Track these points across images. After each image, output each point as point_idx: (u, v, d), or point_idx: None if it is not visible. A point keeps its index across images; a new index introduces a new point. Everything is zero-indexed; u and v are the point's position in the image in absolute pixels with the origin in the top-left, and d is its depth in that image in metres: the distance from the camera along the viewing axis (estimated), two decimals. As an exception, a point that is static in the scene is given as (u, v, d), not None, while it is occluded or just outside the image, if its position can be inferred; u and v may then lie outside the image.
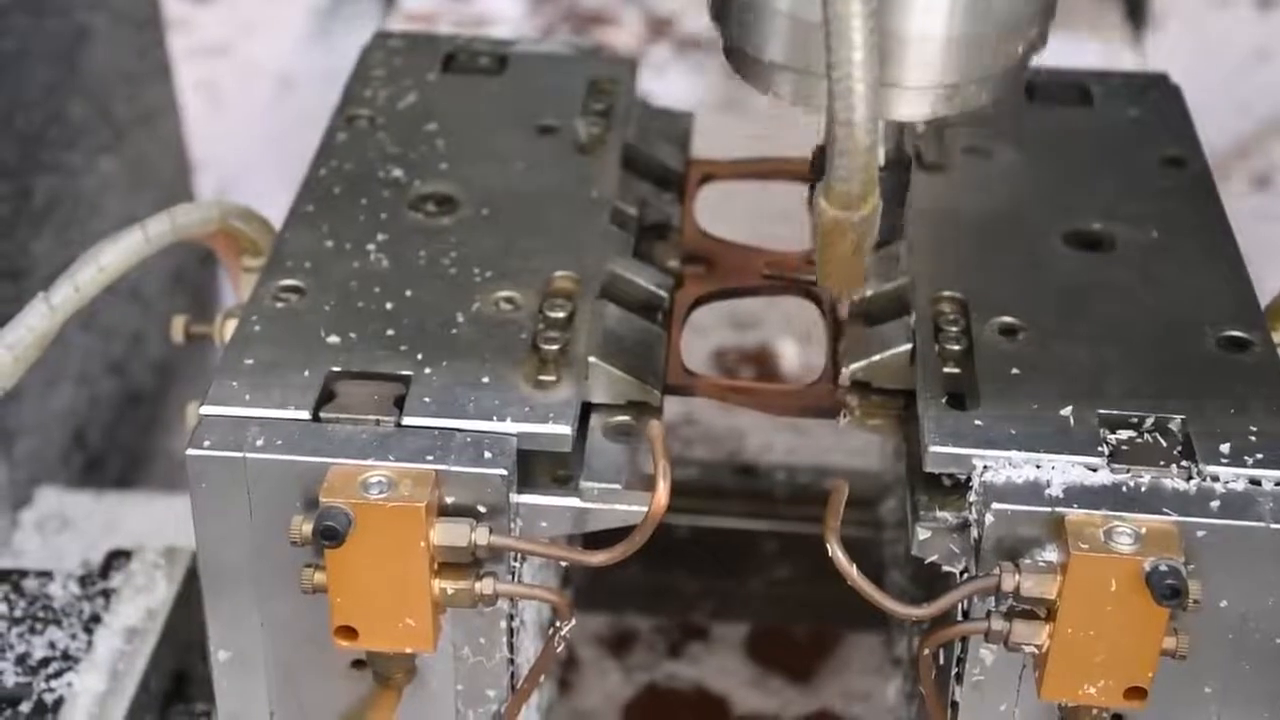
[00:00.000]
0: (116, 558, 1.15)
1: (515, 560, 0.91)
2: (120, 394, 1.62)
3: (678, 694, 1.45)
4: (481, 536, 0.86)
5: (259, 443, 0.88)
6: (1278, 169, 2.27)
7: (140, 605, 1.11)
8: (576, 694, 1.44)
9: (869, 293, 1.04)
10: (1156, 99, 1.22)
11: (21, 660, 1.06)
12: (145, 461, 1.68)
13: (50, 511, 1.42)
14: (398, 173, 1.10)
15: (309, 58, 2.49)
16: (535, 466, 0.92)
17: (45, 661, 1.06)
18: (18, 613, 1.09)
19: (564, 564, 1.01)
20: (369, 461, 0.87)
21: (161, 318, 1.67)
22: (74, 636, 1.08)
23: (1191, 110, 1.19)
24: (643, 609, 1.46)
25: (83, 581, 1.12)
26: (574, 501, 0.91)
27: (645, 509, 0.89)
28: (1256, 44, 2.47)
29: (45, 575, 1.13)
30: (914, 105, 0.87)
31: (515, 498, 0.89)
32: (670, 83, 2.29)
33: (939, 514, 0.90)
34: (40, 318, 0.99)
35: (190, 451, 0.88)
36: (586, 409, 0.95)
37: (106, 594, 1.11)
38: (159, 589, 1.12)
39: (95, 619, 1.09)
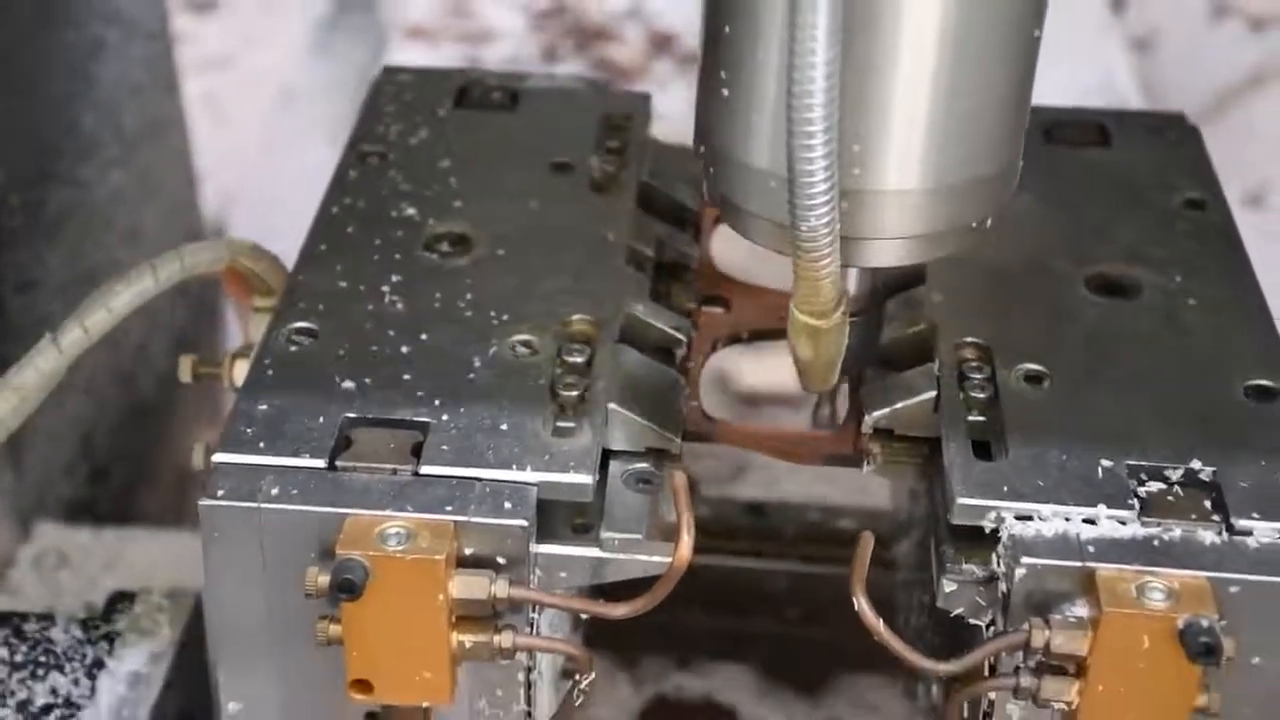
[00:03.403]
0: (120, 600, 1.12)
1: (533, 611, 0.89)
2: (126, 404, 1.61)
3: (686, 705, 1.43)
4: (501, 589, 0.84)
5: (274, 492, 0.86)
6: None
7: (144, 649, 1.09)
8: (587, 704, 1.43)
9: (890, 337, 1.02)
10: (1174, 139, 1.21)
11: (23, 707, 1.04)
12: (150, 471, 1.68)
13: (48, 547, 1.40)
14: (411, 211, 1.08)
15: (310, 70, 2.49)
16: (554, 515, 0.90)
17: (48, 709, 1.04)
18: (19, 658, 1.07)
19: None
20: (387, 512, 0.85)
21: (167, 328, 1.67)
22: (76, 682, 1.06)
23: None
24: (651, 648, 1.44)
25: (85, 625, 1.10)
26: (594, 552, 0.89)
27: (667, 559, 0.87)
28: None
29: (46, 618, 1.10)
30: (885, 255, 0.89)
31: (535, 548, 0.88)
32: (673, 98, 2.28)
33: (965, 566, 0.89)
34: (48, 360, 0.98)
35: (203, 502, 0.86)
36: (605, 455, 0.94)
37: (110, 638, 1.09)
38: (163, 632, 1.10)
39: (98, 664, 1.07)
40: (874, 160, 0.84)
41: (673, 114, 1.40)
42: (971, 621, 0.90)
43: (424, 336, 0.97)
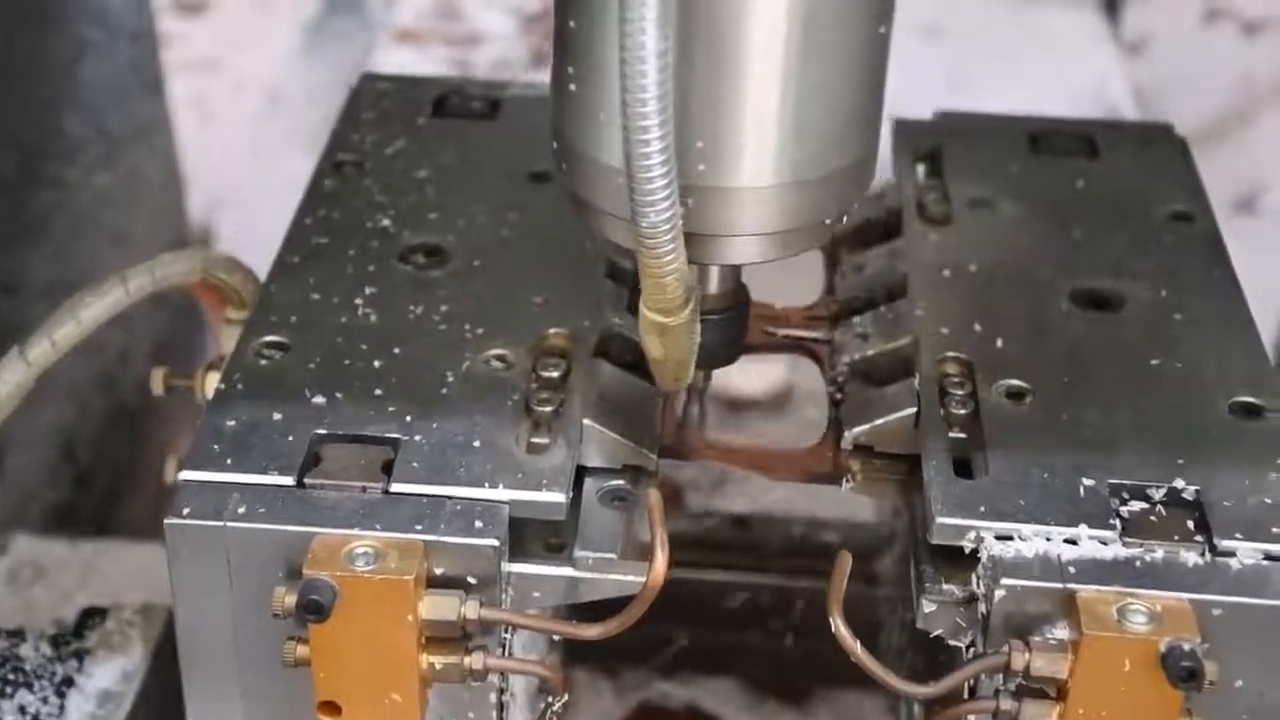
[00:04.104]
0: (91, 616, 1.11)
1: (506, 631, 0.88)
2: (109, 410, 1.60)
3: (671, 714, 1.42)
4: (471, 610, 0.83)
5: (240, 510, 0.84)
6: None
7: (115, 667, 1.07)
8: (570, 712, 1.41)
9: (871, 352, 1.01)
10: (1163, 150, 1.19)
11: (-10, 725, 1.02)
12: (134, 477, 1.66)
13: (24, 560, 1.38)
14: (386, 222, 1.07)
15: (297, 73, 2.48)
16: (527, 533, 0.88)
17: (15, 726, 1.03)
18: (-13, 674, 1.06)
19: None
20: (355, 531, 0.83)
21: (148, 334, 1.65)
22: (45, 700, 1.04)
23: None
24: (634, 662, 1.42)
25: (55, 641, 1.08)
26: (568, 571, 0.88)
27: (641, 579, 0.86)
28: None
29: (16, 635, 1.09)
30: (740, 252, 0.87)
31: (507, 567, 0.86)
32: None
33: (945, 587, 0.87)
34: (16, 373, 0.96)
35: (168, 520, 0.84)
36: (580, 472, 0.92)
37: (80, 655, 1.07)
38: (135, 649, 1.08)
39: (68, 681, 1.05)
40: (720, 157, 0.83)
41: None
42: (951, 642, 0.88)
43: (397, 350, 0.95)
